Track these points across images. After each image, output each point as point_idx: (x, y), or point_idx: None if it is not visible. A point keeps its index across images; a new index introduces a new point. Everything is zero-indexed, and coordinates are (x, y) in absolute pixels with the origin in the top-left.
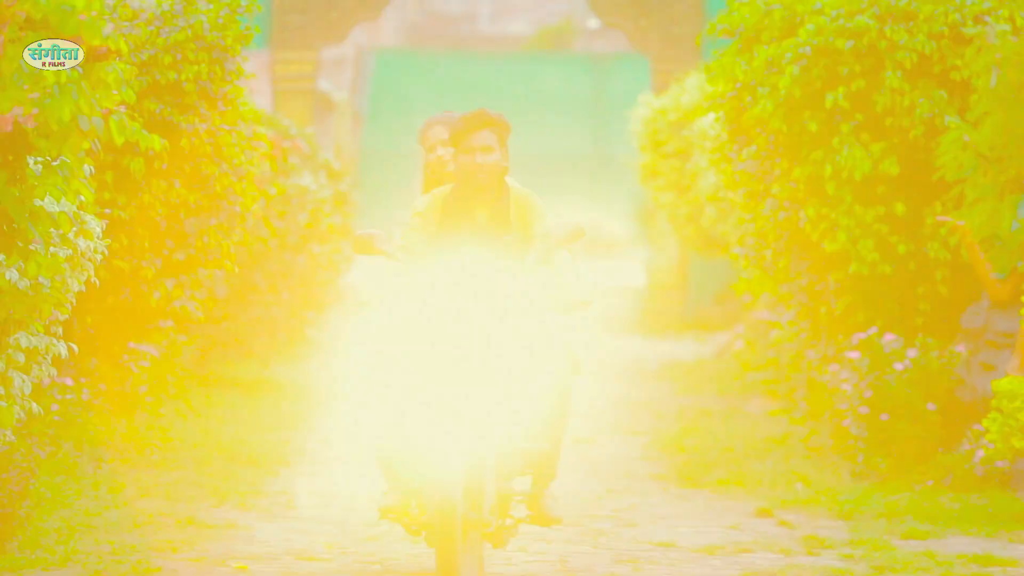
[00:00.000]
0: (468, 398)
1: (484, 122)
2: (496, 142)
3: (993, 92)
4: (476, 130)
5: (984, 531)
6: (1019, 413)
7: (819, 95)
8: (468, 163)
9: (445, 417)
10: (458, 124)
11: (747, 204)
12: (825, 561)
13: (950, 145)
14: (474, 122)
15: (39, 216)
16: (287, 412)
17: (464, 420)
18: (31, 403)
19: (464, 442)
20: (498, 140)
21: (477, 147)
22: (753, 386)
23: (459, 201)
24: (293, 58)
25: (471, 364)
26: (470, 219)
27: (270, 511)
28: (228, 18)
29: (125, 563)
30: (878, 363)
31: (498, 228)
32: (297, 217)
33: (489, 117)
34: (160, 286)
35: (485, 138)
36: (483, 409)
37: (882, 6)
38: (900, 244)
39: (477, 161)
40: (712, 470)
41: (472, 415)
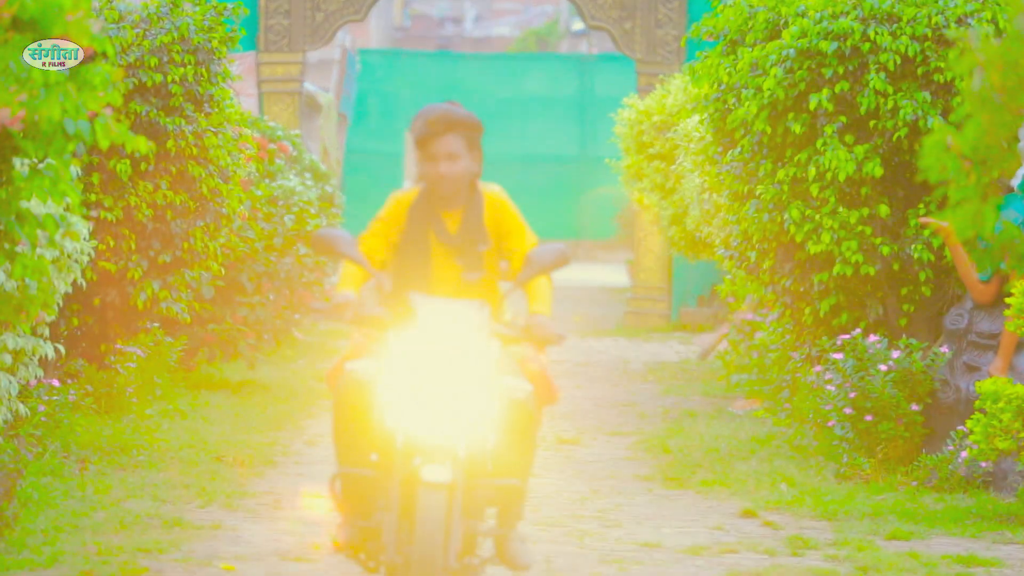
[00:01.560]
0: (436, 425)
1: (448, 126)
2: (464, 146)
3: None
4: (440, 135)
5: (968, 532)
6: (1002, 414)
7: (803, 97)
8: (432, 172)
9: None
10: (420, 127)
11: (731, 206)
12: (809, 562)
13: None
14: (437, 127)
15: (25, 218)
16: (273, 413)
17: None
18: (18, 404)
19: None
20: (466, 144)
21: (441, 154)
22: (738, 387)
23: (425, 207)
24: (279, 60)
25: (438, 392)
26: (437, 227)
27: (256, 512)
28: (214, 20)
29: (112, 564)
30: (862, 364)
31: (469, 237)
32: (283, 219)
33: (454, 119)
34: (146, 287)
35: (450, 144)
36: (450, 438)
37: (865, 9)
38: (884, 246)
39: (441, 171)
40: (697, 471)
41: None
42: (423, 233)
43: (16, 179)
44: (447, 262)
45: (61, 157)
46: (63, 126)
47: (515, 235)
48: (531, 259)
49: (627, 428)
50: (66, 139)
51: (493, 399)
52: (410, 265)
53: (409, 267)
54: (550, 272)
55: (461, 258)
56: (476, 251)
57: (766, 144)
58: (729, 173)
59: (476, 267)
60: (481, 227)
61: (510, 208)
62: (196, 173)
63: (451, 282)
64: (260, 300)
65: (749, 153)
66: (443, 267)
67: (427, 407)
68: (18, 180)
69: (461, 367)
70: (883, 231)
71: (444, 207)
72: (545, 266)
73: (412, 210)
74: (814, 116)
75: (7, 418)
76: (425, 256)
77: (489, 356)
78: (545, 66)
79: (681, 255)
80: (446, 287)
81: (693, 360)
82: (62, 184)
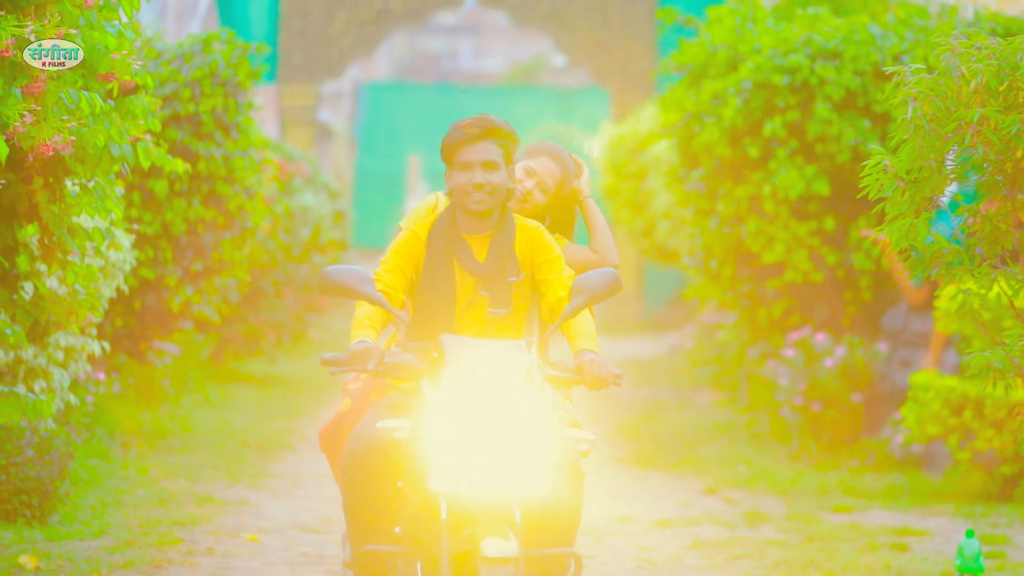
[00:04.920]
0: (491, 488)
1: (485, 131)
2: (501, 157)
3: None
4: (475, 140)
5: (902, 506)
6: (932, 403)
7: (758, 124)
8: (465, 183)
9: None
10: (453, 134)
11: (696, 220)
12: (764, 533)
13: (872, 169)
14: (472, 131)
15: (76, 231)
16: (292, 403)
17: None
18: (69, 395)
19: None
20: (503, 155)
21: (476, 162)
22: (701, 380)
23: (449, 230)
24: (297, 92)
25: (490, 449)
26: (462, 253)
27: (277, 490)
28: (240, 58)
29: (151, 535)
30: (811, 360)
31: (499, 266)
32: (300, 232)
33: (491, 124)
34: (181, 292)
35: (487, 151)
36: (509, 503)
37: (813, 47)
38: (830, 255)
39: (477, 179)
40: (666, 454)
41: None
42: (447, 261)
43: (68, 197)
44: (472, 295)
45: (107, 177)
46: (109, 150)
47: (550, 265)
48: (580, 286)
49: (604, 416)
50: (111, 161)
51: (552, 454)
52: (432, 300)
53: (431, 302)
54: (601, 300)
55: (488, 290)
56: (506, 282)
57: (726, 166)
58: (694, 191)
59: (505, 302)
60: (512, 255)
61: (544, 236)
62: (224, 192)
63: (477, 319)
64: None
65: (711, 174)
66: (468, 301)
67: (479, 467)
68: (69, 198)
69: (515, 418)
70: (829, 243)
71: (471, 230)
72: (597, 293)
73: (433, 234)
74: (768, 141)
75: (60, 407)
76: (449, 288)
77: (544, 403)
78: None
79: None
80: (472, 324)
81: (662, 356)
82: (108, 201)
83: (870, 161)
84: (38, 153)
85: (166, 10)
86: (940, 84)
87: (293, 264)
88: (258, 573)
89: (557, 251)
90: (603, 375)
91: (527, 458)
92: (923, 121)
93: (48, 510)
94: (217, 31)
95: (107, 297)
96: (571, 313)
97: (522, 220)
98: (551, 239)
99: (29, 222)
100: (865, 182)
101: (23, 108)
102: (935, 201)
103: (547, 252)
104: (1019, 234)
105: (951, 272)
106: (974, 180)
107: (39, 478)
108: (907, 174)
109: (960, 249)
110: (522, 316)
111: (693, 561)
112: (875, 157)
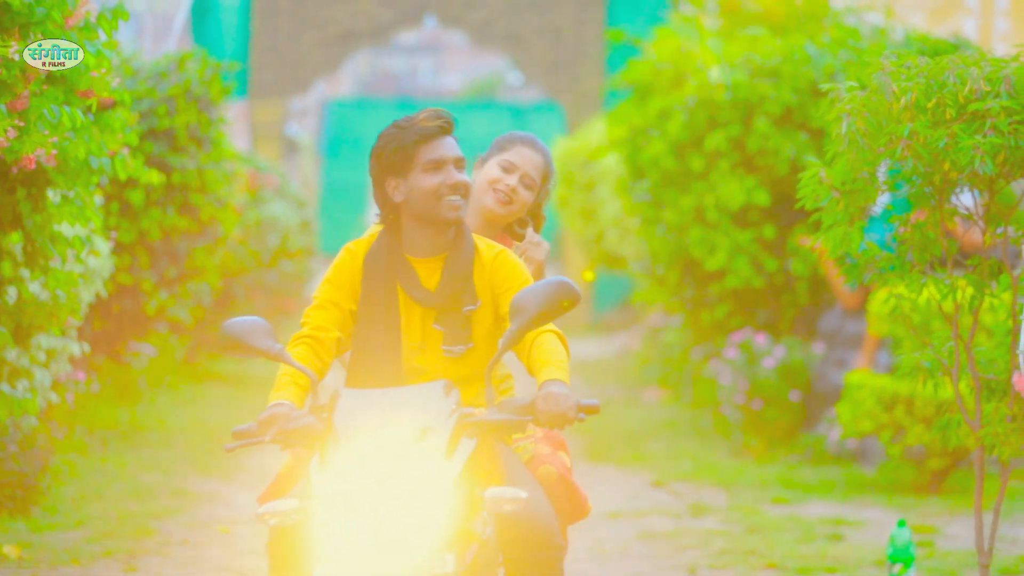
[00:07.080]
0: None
1: (451, 124)
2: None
3: (844, 137)
4: (441, 135)
5: (838, 497)
6: (866, 401)
7: (701, 138)
8: (437, 185)
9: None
10: (409, 132)
11: (643, 228)
12: (708, 524)
13: (809, 180)
14: (436, 124)
15: (57, 239)
16: (261, 400)
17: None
18: (51, 394)
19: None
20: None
21: (450, 159)
22: (648, 379)
23: (389, 252)
24: (266, 107)
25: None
26: (406, 279)
27: (248, 483)
28: (213, 76)
29: (128, 526)
30: (751, 360)
31: (452, 293)
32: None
33: (452, 117)
34: (156, 297)
35: (456, 146)
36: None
37: (753, 66)
38: (769, 262)
39: (454, 179)
40: (615, 449)
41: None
42: (388, 289)
43: (49, 206)
44: (423, 330)
45: (87, 188)
46: (89, 162)
47: (516, 291)
48: (519, 304)
49: None
50: (91, 173)
51: (458, 525)
52: (371, 338)
53: (370, 341)
54: (552, 317)
55: (442, 324)
56: (460, 313)
57: (671, 177)
58: (641, 201)
59: (462, 338)
60: (468, 279)
61: (508, 256)
62: (198, 202)
63: (431, 360)
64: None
65: (657, 185)
66: (419, 338)
67: (364, 554)
68: (51, 207)
69: (404, 490)
70: (768, 250)
71: (418, 251)
72: (543, 308)
73: (369, 259)
74: (711, 154)
75: (42, 405)
76: (392, 323)
77: (445, 465)
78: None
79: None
80: (427, 366)
81: (611, 357)
82: (88, 211)
83: (807, 173)
84: (22, 166)
85: (143, 30)
86: (872, 101)
87: (263, 270)
88: (229, 563)
89: (526, 276)
90: (560, 410)
91: (418, 538)
92: (856, 136)
93: (30, 502)
94: (191, 50)
95: (87, 301)
96: (509, 342)
97: (482, 240)
98: (518, 261)
99: (13, 230)
100: (802, 193)
101: (7, 124)
102: (868, 211)
103: (513, 278)
104: (947, 242)
105: (883, 277)
106: (904, 191)
107: (22, 472)
108: (842, 185)
109: (892, 256)
110: (485, 353)
111: (642, 550)
112: (811, 169)
